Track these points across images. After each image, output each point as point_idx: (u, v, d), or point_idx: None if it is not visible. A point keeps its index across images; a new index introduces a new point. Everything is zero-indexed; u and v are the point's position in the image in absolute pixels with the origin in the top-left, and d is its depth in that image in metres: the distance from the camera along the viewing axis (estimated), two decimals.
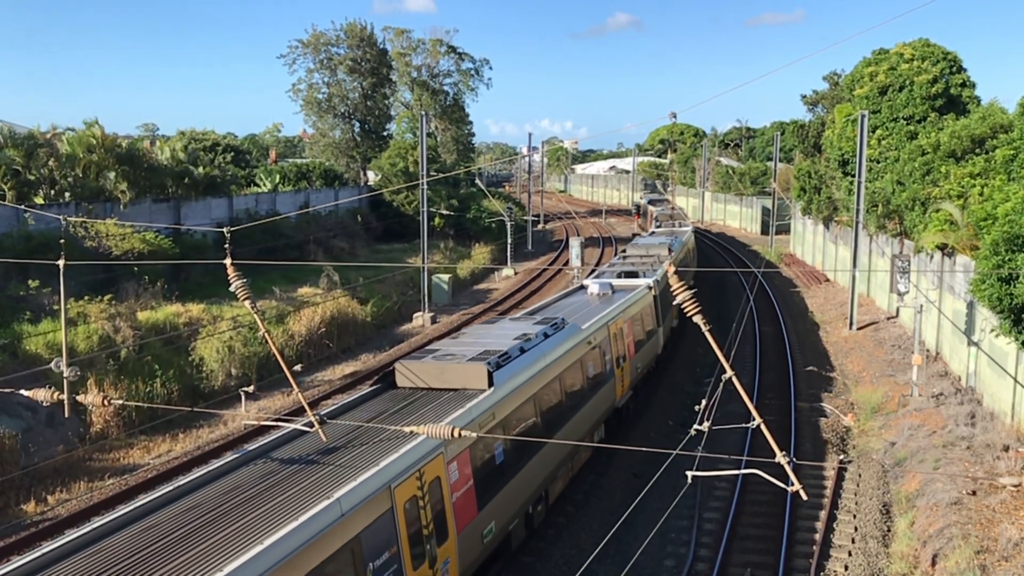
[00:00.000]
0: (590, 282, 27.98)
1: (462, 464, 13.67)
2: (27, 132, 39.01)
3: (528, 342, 18.08)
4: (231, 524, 9.83)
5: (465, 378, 15.71)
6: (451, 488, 13.14)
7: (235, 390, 27.52)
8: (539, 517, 17.58)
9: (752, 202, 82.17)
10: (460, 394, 15.37)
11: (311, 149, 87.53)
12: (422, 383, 15.87)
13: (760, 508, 19.28)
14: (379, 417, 14.05)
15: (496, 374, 15.76)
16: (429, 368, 15.99)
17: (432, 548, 12.34)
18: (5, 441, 21.02)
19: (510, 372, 16.32)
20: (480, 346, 17.41)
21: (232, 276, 11.30)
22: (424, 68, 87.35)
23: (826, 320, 39.70)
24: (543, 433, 17.07)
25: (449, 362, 16.15)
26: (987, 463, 19.25)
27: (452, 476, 13.28)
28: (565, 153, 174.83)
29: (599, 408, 21.35)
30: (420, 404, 14.98)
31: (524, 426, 16.53)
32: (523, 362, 17.09)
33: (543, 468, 17.23)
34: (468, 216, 63.75)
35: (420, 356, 16.88)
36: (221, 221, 42.84)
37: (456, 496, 13.29)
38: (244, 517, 10.03)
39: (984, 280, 20.09)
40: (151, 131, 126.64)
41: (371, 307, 39.56)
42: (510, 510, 15.49)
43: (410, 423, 12.26)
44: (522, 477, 16.02)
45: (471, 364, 15.90)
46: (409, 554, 11.62)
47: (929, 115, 38.71)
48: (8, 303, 27.40)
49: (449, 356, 16.59)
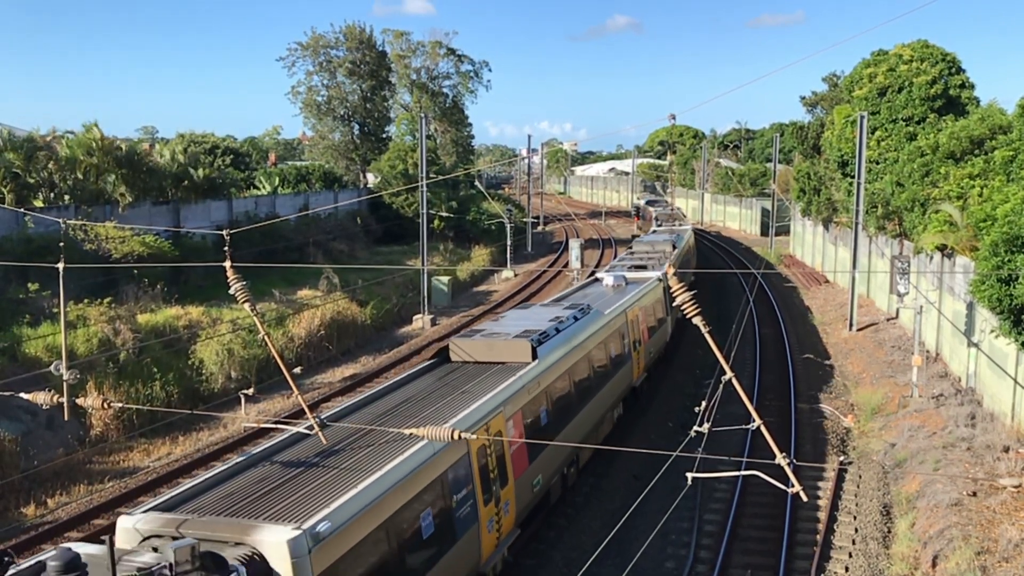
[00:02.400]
0: (605, 275, 29.89)
1: (517, 423, 15.82)
2: (26, 135, 39.06)
3: (562, 323, 20.15)
4: (370, 446, 12.65)
5: (511, 352, 17.74)
6: (509, 442, 15.28)
7: (235, 393, 27.47)
8: (572, 478, 19.57)
9: (752, 203, 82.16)
10: (507, 367, 17.27)
11: (310, 151, 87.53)
12: (472, 357, 18.01)
13: (760, 509, 19.26)
14: (443, 381, 16.58)
15: (539, 349, 17.79)
16: (479, 344, 18.20)
17: (496, 490, 14.50)
18: (5, 444, 21.02)
19: (550, 348, 18.36)
20: (520, 326, 19.53)
21: (232, 278, 11.29)
22: (423, 70, 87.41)
23: (826, 321, 39.70)
24: (576, 403, 19.33)
25: (496, 339, 18.31)
26: (987, 464, 19.25)
27: (509, 432, 15.42)
28: (564, 155, 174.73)
29: (620, 385, 23.45)
30: (473, 374, 16.96)
31: (561, 395, 18.54)
32: (559, 340, 19.15)
33: (577, 433, 19.09)
34: (468, 218, 63.75)
35: (469, 334, 19.22)
36: (221, 223, 42.80)
37: (513, 449, 15.41)
38: (373, 444, 12.76)
39: (984, 281, 20.09)
40: (150, 134, 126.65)
41: (371, 309, 39.55)
42: (551, 467, 17.54)
43: (470, 389, 15.60)
44: (561, 438, 18.01)
45: (516, 340, 18.01)
46: (480, 492, 13.85)
47: (928, 116, 38.72)
48: (8, 306, 27.40)
49: (494, 335, 18.82)
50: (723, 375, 9.28)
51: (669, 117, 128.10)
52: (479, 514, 13.74)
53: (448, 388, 16.03)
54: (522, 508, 15.78)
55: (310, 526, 9.70)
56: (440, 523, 12.47)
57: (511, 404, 15.63)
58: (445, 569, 12.43)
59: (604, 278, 29.31)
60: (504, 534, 14.86)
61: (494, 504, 14.32)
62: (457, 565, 12.90)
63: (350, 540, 10.24)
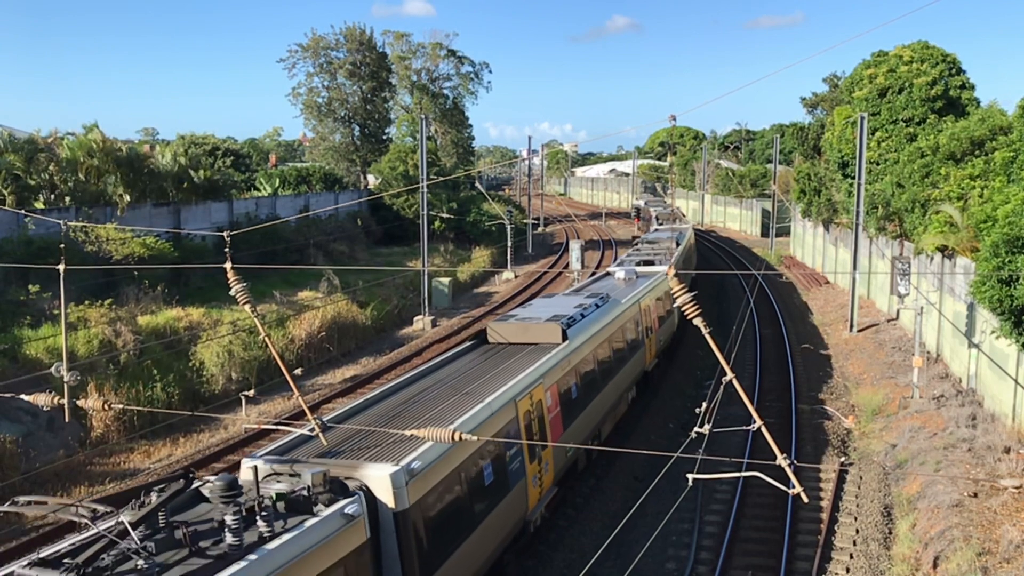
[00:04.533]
0: (616, 269, 31.76)
1: (553, 394, 17.68)
2: (27, 137, 39.08)
3: (586, 310, 22.11)
4: (439, 406, 14.84)
5: (544, 334, 19.56)
6: (548, 409, 17.19)
7: (235, 394, 27.48)
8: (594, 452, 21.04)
9: (752, 204, 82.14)
10: (539, 347, 19.05)
11: (311, 153, 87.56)
12: (506, 339, 19.82)
13: (761, 511, 19.24)
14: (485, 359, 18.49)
15: (568, 331, 19.57)
16: (513, 327, 20.06)
17: (538, 450, 16.39)
18: (6, 446, 21.01)
19: (577, 330, 20.21)
20: (549, 312, 21.51)
21: (232, 280, 11.30)
22: (424, 72, 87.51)
23: (826, 322, 39.68)
24: (599, 381, 21.05)
25: (529, 323, 20.21)
26: (988, 465, 19.24)
27: (548, 401, 17.27)
28: (565, 156, 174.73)
29: (635, 368, 25.31)
30: (510, 354, 18.74)
31: (587, 372, 20.28)
32: (585, 324, 21.00)
33: (600, 409, 21.03)
34: (468, 219, 63.75)
35: (504, 319, 21.15)
36: (221, 225, 42.83)
37: (551, 416, 17.32)
38: (440, 405, 14.95)
39: (984, 282, 20.08)
40: (151, 135, 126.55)
41: (371, 311, 39.55)
42: (580, 436, 19.29)
43: (509, 366, 17.54)
44: (587, 412, 19.86)
45: (548, 324, 19.86)
46: (527, 450, 15.80)
47: (928, 117, 38.70)
48: (8, 308, 27.40)
49: (527, 319, 20.74)
50: (724, 376, 9.27)
51: (669, 118, 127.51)
52: (526, 469, 15.81)
53: (490, 364, 17.93)
54: (559, 469, 17.73)
55: (406, 464, 11.67)
56: (498, 473, 14.59)
57: (548, 378, 17.46)
58: (502, 513, 14.52)
59: (616, 272, 31.06)
60: (545, 490, 16.84)
61: (537, 463, 16.36)
62: (510, 511, 14.93)
63: (435, 477, 12.37)
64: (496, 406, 14.89)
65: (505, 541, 14.93)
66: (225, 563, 8.73)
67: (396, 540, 11.40)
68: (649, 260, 35.11)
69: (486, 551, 14.02)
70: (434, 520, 12.21)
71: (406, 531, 11.48)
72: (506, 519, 14.81)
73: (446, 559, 12.48)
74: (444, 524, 12.51)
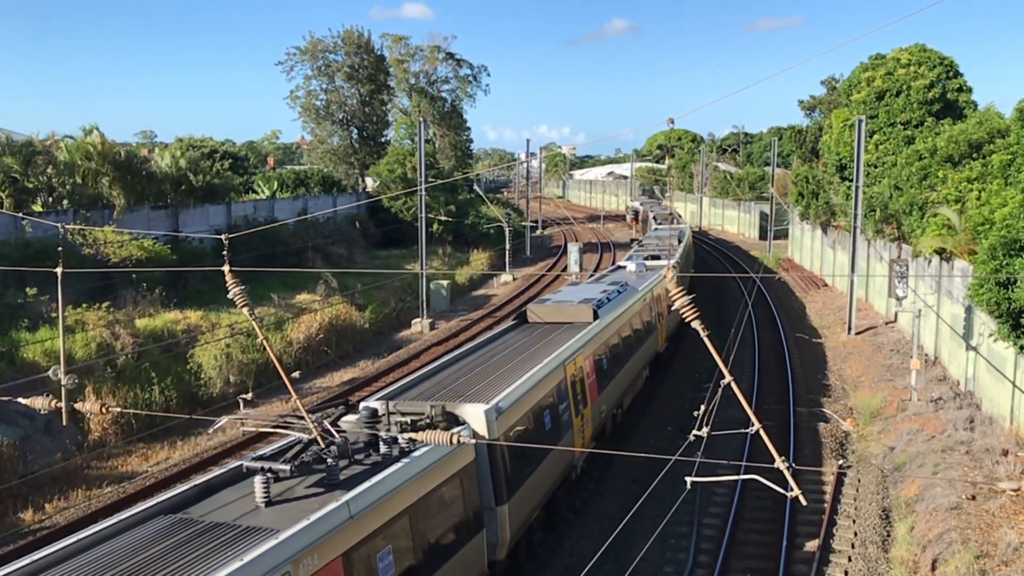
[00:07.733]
0: (627, 262, 34.99)
1: (591, 362, 20.59)
2: (25, 139, 39.01)
3: (610, 295, 25.07)
4: (508, 365, 17.95)
5: (577, 314, 22.50)
6: (587, 375, 19.98)
7: (233, 397, 27.42)
8: (619, 418, 24.06)
9: (750, 207, 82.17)
10: (574, 325, 21.84)
11: (309, 156, 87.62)
12: (544, 320, 22.73)
13: (760, 514, 19.24)
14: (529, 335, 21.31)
15: (599, 311, 22.57)
16: (550, 309, 23.26)
17: (581, 408, 19.27)
18: (3, 449, 20.96)
19: (606, 311, 23.13)
20: (580, 295, 24.83)
21: (230, 283, 11.27)
22: (422, 74, 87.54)
23: (824, 325, 39.69)
24: (623, 356, 23.87)
25: (564, 304, 23.37)
26: (986, 467, 19.24)
27: (587, 367, 20.08)
28: (563, 159, 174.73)
29: (651, 348, 28.42)
30: (550, 331, 21.52)
31: (613, 347, 23.02)
32: (611, 306, 23.95)
33: (624, 381, 23.88)
34: (466, 222, 63.72)
35: (541, 302, 25.03)
36: (219, 228, 42.82)
37: (589, 381, 20.10)
38: (510, 363, 18.06)
39: (982, 284, 20.10)
40: (149, 138, 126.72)
41: (369, 313, 39.52)
42: (609, 403, 22.06)
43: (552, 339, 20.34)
44: (615, 381, 22.72)
45: (581, 305, 22.96)
46: (573, 406, 18.73)
47: (926, 120, 38.76)
48: (6, 311, 27.35)
49: (561, 301, 24.07)
50: (722, 379, 9.26)
51: (667, 121, 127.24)
52: (573, 422, 18.66)
53: (535, 339, 20.74)
54: (595, 427, 20.58)
55: (495, 402, 14.60)
56: (555, 420, 17.54)
57: (585, 349, 20.25)
58: (557, 455, 17.09)
59: (627, 265, 34.14)
60: (586, 442, 19.62)
61: (580, 419, 19.14)
62: (563, 454, 17.68)
63: (516, 415, 15.31)
64: (552, 366, 17.80)
65: (559, 480, 17.82)
66: (385, 466, 11.69)
67: (488, 462, 14.13)
68: (655, 255, 37.79)
69: (547, 483, 16.90)
70: (513, 451, 14.88)
71: (495, 455, 14.23)
72: (560, 461, 17.58)
73: (521, 484, 15.23)
74: (520, 455, 15.09)
